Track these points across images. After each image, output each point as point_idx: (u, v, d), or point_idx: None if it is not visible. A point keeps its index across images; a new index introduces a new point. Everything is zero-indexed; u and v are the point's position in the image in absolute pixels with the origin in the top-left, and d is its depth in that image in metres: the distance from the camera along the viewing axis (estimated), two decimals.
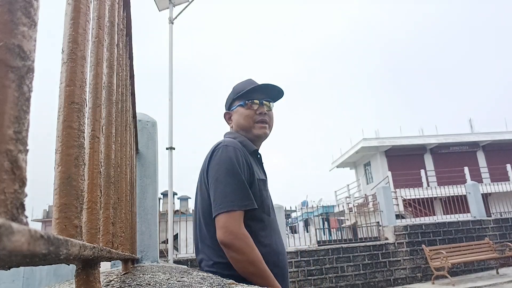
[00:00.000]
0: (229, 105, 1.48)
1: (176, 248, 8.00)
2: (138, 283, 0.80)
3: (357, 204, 15.63)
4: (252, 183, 1.24)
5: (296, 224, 17.69)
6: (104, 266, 1.55)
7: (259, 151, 1.45)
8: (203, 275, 1.00)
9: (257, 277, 1.12)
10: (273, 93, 1.45)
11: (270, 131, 1.44)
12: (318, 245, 8.00)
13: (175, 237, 7.97)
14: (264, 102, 1.41)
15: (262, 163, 1.46)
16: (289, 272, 7.21)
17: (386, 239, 8.18)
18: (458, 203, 10.00)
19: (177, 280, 0.86)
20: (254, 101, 1.39)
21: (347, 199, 16.54)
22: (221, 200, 1.16)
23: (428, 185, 15.09)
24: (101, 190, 0.55)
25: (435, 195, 10.92)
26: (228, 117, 1.49)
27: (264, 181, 1.33)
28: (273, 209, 1.37)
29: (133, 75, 1.29)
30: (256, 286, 0.79)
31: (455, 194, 10.46)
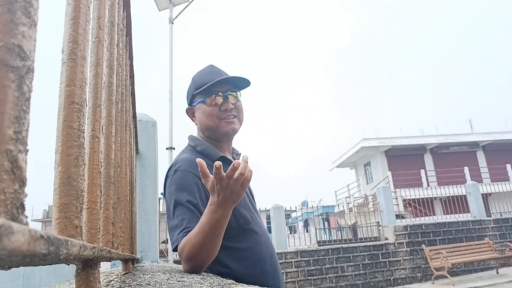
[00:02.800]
0: (190, 100, 1.31)
1: None
2: (138, 283, 0.80)
3: (357, 204, 15.63)
4: None
5: (296, 224, 17.68)
6: (104, 266, 1.54)
7: (230, 146, 1.33)
8: (203, 275, 1.00)
9: (203, 240, 0.98)
10: (239, 81, 1.27)
11: (240, 125, 1.28)
12: (318, 245, 8.00)
13: None
14: (229, 93, 1.24)
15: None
16: (289, 272, 7.24)
17: (386, 239, 8.18)
18: (458, 203, 10.00)
19: (177, 280, 0.86)
20: (217, 94, 1.22)
21: (347, 199, 16.54)
22: (171, 235, 1.10)
23: (428, 185, 15.09)
24: (101, 190, 0.55)
25: (435, 195, 10.92)
26: (191, 113, 1.33)
27: None
28: (255, 216, 1.25)
29: (133, 75, 1.29)
30: (256, 286, 0.79)
31: (455, 194, 10.47)
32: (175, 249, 1.09)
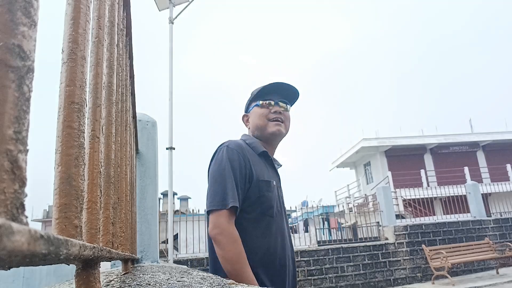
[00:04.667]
0: (247, 108, 1.51)
1: (176, 248, 7.99)
2: (138, 283, 0.80)
3: (357, 204, 15.63)
4: (250, 183, 1.27)
5: (297, 224, 17.68)
6: (104, 266, 1.54)
7: (273, 154, 1.47)
8: (203, 275, 1.00)
9: (232, 276, 1.11)
10: (289, 95, 1.45)
11: (286, 131, 1.44)
12: (318, 245, 8.00)
13: (175, 237, 7.97)
14: (280, 102, 1.42)
15: (274, 166, 1.45)
16: None
17: (386, 239, 8.18)
18: (458, 203, 10.00)
19: (177, 280, 0.86)
20: (269, 101, 1.41)
21: (347, 199, 16.53)
22: (212, 198, 1.21)
23: (428, 185, 15.09)
24: (101, 190, 0.55)
25: (435, 195, 10.91)
26: (246, 119, 1.52)
27: (269, 183, 1.31)
28: (281, 212, 1.36)
29: (133, 75, 1.29)
30: (256, 286, 0.79)
31: (455, 194, 10.46)
32: (209, 212, 1.20)
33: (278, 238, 1.30)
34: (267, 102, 1.40)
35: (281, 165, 1.50)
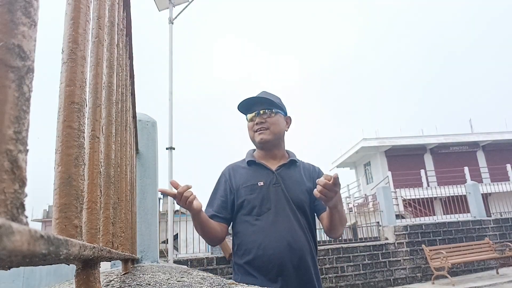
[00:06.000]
0: None
1: (176, 248, 8.00)
2: (138, 283, 0.80)
3: (357, 204, 15.64)
4: (236, 191, 1.50)
5: None
6: (104, 266, 1.55)
7: (276, 156, 1.58)
8: (203, 275, 1.00)
9: (197, 228, 1.41)
10: (268, 101, 1.54)
11: (271, 135, 1.53)
12: (318, 245, 8.00)
13: (175, 237, 7.97)
14: (261, 112, 1.53)
15: (267, 167, 1.53)
16: None
17: (386, 239, 8.18)
18: (458, 203, 10.00)
19: (177, 280, 0.86)
20: (250, 114, 1.56)
21: (347, 199, 16.53)
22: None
23: (428, 185, 15.09)
24: (101, 190, 0.55)
25: (435, 195, 10.91)
26: None
27: (251, 186, 1.48)
28: (269, 209, 1.43)
29: (133, 75, 1.29)
30: (256, 286, 0.79)
31: (455, 194, 10.46)
32: None
33: (265, 234, 1.38)
34: (251, 116, 1.55)
35: (286, 162, 1.56)
